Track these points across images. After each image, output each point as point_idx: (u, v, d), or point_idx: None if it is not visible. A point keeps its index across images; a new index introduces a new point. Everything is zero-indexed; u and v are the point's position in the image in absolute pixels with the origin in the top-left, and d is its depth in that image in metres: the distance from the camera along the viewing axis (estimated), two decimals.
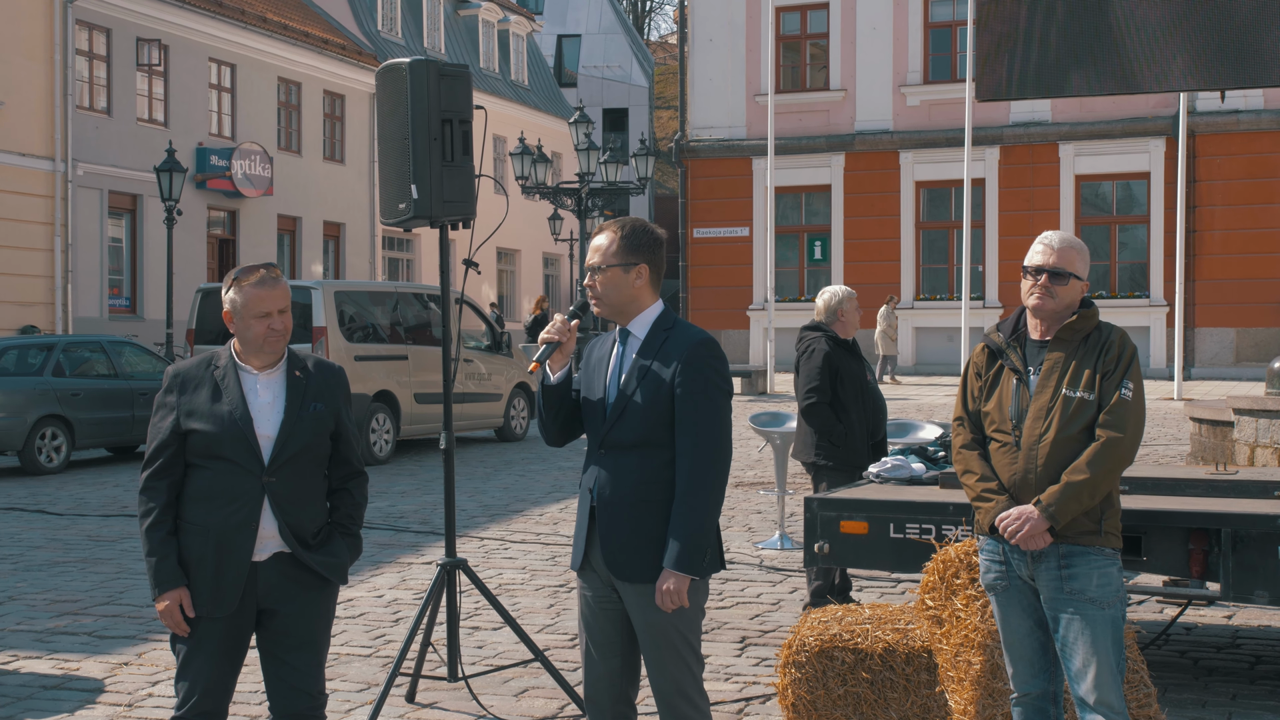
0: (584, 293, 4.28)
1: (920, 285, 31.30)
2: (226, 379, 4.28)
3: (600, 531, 4.16)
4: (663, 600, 4.05)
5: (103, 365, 16.88)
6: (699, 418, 4.08)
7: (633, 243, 4.19)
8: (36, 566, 9.85)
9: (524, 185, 29.44)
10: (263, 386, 4.31)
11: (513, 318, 43.37)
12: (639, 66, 56.12)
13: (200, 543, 4.20)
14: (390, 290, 18.51)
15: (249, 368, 4.32)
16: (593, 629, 4.27)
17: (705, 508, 4.08)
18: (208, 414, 4.22)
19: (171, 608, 4.19)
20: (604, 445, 4.16)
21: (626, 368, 4.18)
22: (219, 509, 4.20)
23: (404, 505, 12.78)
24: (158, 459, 4.24)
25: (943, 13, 31.15)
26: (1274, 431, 11.52)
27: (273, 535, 4.24)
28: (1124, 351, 4.35)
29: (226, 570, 4.20)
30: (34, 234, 26.77)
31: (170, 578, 4.19)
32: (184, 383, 4.29)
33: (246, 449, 4.21)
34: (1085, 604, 4.30)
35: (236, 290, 4.28)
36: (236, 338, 4.34)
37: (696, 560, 4.06)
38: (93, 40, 28.39)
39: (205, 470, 4.22)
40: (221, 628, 4.23)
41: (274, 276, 4.31)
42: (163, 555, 4.20)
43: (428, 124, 6.07)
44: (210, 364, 4.33)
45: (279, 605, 4.27)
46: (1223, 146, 28.83)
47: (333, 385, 4.40)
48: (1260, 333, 28.76)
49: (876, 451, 7.84)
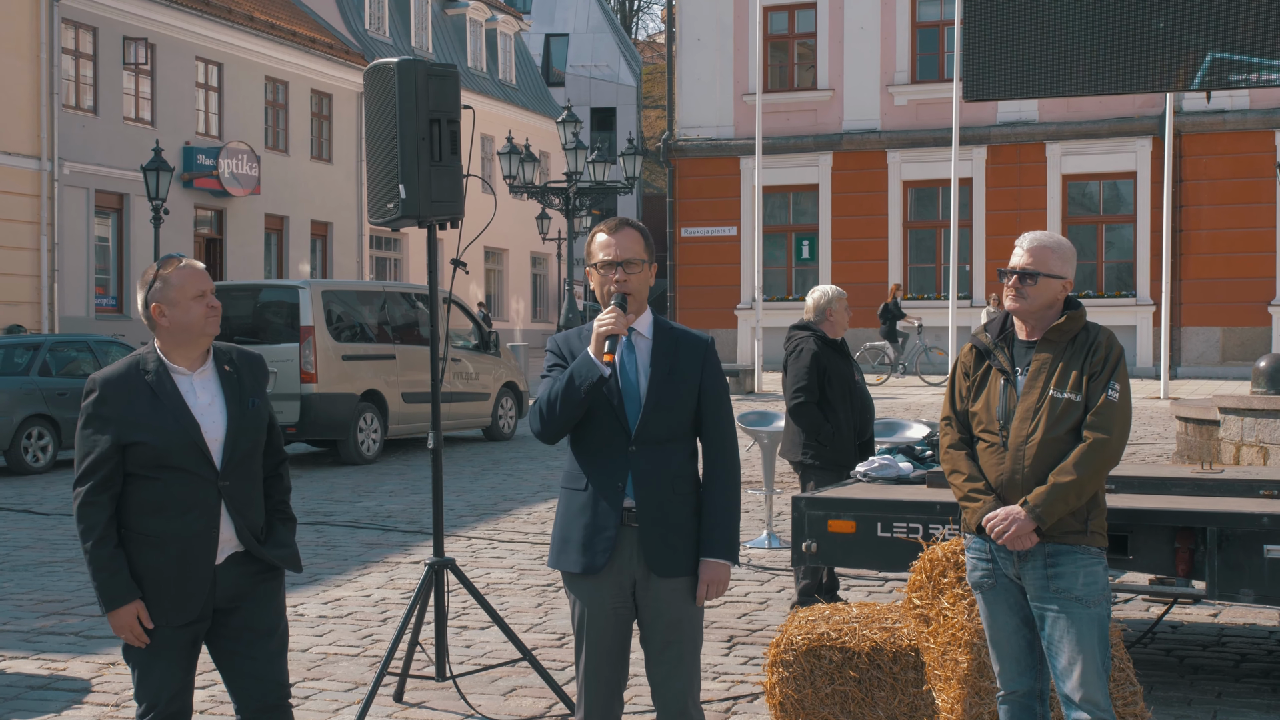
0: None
1: (908, 284, 31.33)
2: (162, 384, 4.12)
3: (642, 527, 4.14)
4: (708, 591, 4.18)
5: (89, 365, 16.83)
6: (725, 415, 4.28)
7: (650, 242, 4.31)
8: (23, 566, 9.83)
9: (511, 184, 29.42)
10: (199, 387, 4.16)
11: (500, 317, 43.36)
12: (627, 66, 56.12)
13: (157, 554, 4.08)
14: (378, 290, 18.49)
15: (180, 368, 4.16)
16: (605, 637, 4.20)
17: (739, 498, 4.29)
18: (150, 424, 4.06)
19: (130, 621, 4.06)
20: (636, 441, 4.15)
21: (648, 366, 4.21)
22: (175, 518, 4.07)
23: (391, 505, 12.77)
24: (97, 473, 4.05)
25: (930, 12, 31.20)
26: (1259, 430, 11.56)
27: (230, 538, 4.16)
28: (1111, 353, 4.38)
29: (190, 579, 4.10)
30: (20, 233, 26.69)
31: (124, 592, 4.05)
32: (115, 390, 4.09)
33: (199, 456, 4.08)
34: (1071, 602, 4.32)
35: (162, 280, 4.12)
36: (169, 330, 4.13)
37: (736, 548, 4.25)
38: (79, 39, 28.31)
39: (153, 481, 4.07)
40: (181, 634, 4.14)
41: (195, 263, 4.22)
42: (113, 570, 4.05)
43: (416, 124, 6.06)
44: (139, 368, 4.14)
45: (237, 603, 4.19)
46: (1209, 146, 28.92)
47: (260, 376, 4.30)
48: (1246, 332, 28.85)
49: (864, 451, 7.86)
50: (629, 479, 4.15)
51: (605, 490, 4.16)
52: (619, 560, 4.16)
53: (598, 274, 4.24)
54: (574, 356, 4.24)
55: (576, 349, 4.25)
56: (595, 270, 4.25)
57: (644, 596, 4.18)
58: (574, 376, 4.13)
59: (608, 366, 4.12)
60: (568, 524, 4.24)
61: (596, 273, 4.24)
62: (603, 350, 4.10)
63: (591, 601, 4.19)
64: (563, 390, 4.14)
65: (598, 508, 4.17)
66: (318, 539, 10.71)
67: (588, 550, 4.17)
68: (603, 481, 4.17)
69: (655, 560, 4.14)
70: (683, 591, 4.17)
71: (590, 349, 4.13)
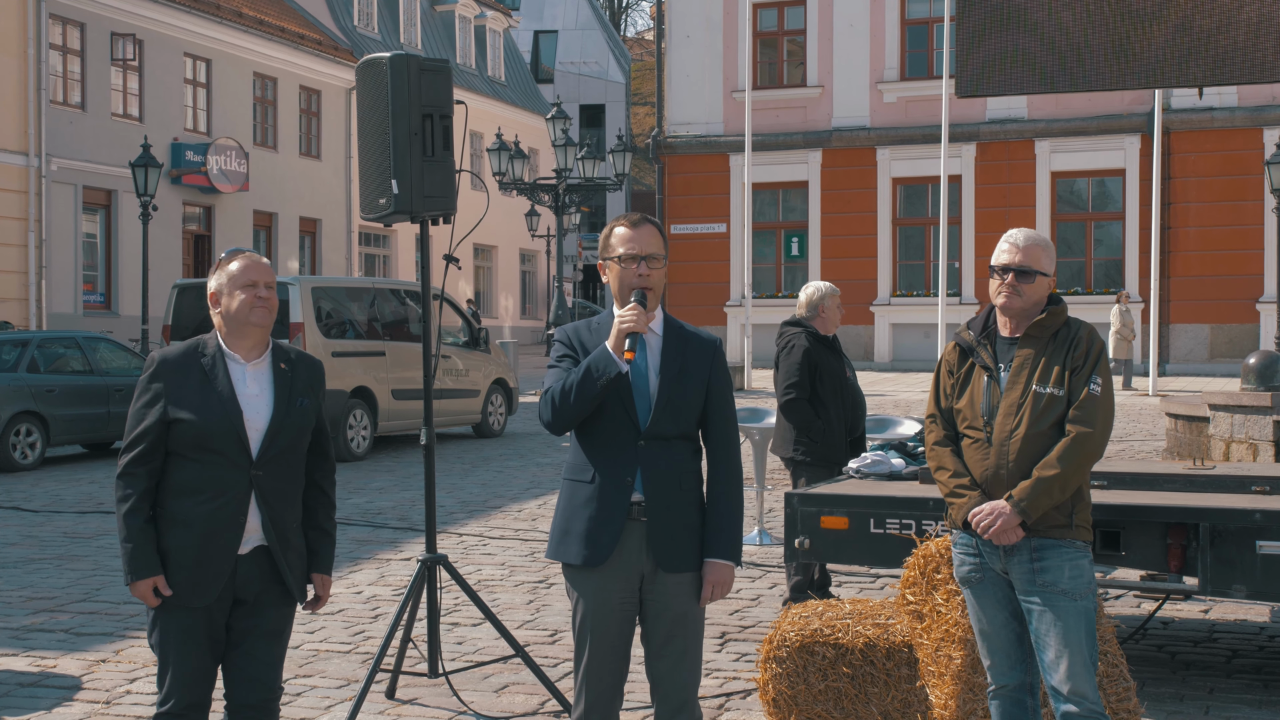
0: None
1: (897, 281, 31.38)
2: (215, 368, 4.22)
3: (650, 521, 4.15)
4: (713, 591, 4.19)
5: (78, 361, 16.78)
6: (730, 416, 4.31)
7: (666, 239, 4.33)
8: (12, 564, 9.80)
9: (501, 181, 29.43)
10: (250, 378, 4.26)
11: (489, 314, 43.33)
12: (616, 63, 56.12)
13: (184, 534, 4.16)
14: (368, 286, 18.46)
15: (236, 356, 4.27)
16: (610, 633, 4.19)
17: (743, 499, 4.31)
18: (196, 404, 4.16)
19: (146, 593, 4.15)
20: (646, 437, 4.15)
21: (659, 363, 4.21)
22: (205, 502, 4.15)
23: (381, 502, 12.76)
24: (139, 444, 4.16)
25: (919, 10, 31.22)
26: (1249, 427, 11.60)
27: (256, 529, 4.21)
28: (1092, 347, 4.41)
29: (210, 562, 4.16)
30: (7, 229, 26.62)
31: (147, 564, 4.14)
32: (171, 369, 4.20)
33: (236, 442, 4.16)
34: (1057, 596, 4.34)
35: (222, 269, 4.28)
36: (222, 319, 4.27)
37: (740, 549, 4.27)
38: (66, 34, 28.23)
39: (191, 462, 4.16)
40: (201, 618, 4.20)
41: (258, 256, 4.35)
42: (140, 541, 4.14)
43: (408, 119, 6.05)
44: (198, 351, 4.26)
45: (253, 596, 4.24)
46: (1197, 143, 28.98)
47: (315, 380, 4.39)
48: (1234, 329, 28.93)
49: (855, 447, 7.86)
50: (638, 473, 4.15)
51: (613, 483, 4.15)
52: (626, 555, 4.16)
53: (617, 266, 4.21)
54: (584, 347, 4.22)
55: (586, 340, 4.24)
56: (615, 263, 4.21)
57: (649, 591, 4.18)
58: (591, 370, 4.11)
59: (626, 364, 4.10)
60: (570, 515, 4.22)
61: (616, 265, 4.21)
62: (623, 347, 4.08)
63: (597, 597, 4.18)
64: (578, 383, 4.11)
65: (604, 500, 4.15)
66: None
67: (590, 542, 4.16)
68: (611, 475, 4.15)
69: (663, 555, 4.15)
70: (687, 587, 4.18)
71: (609, 344, 4.11)
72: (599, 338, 4.22)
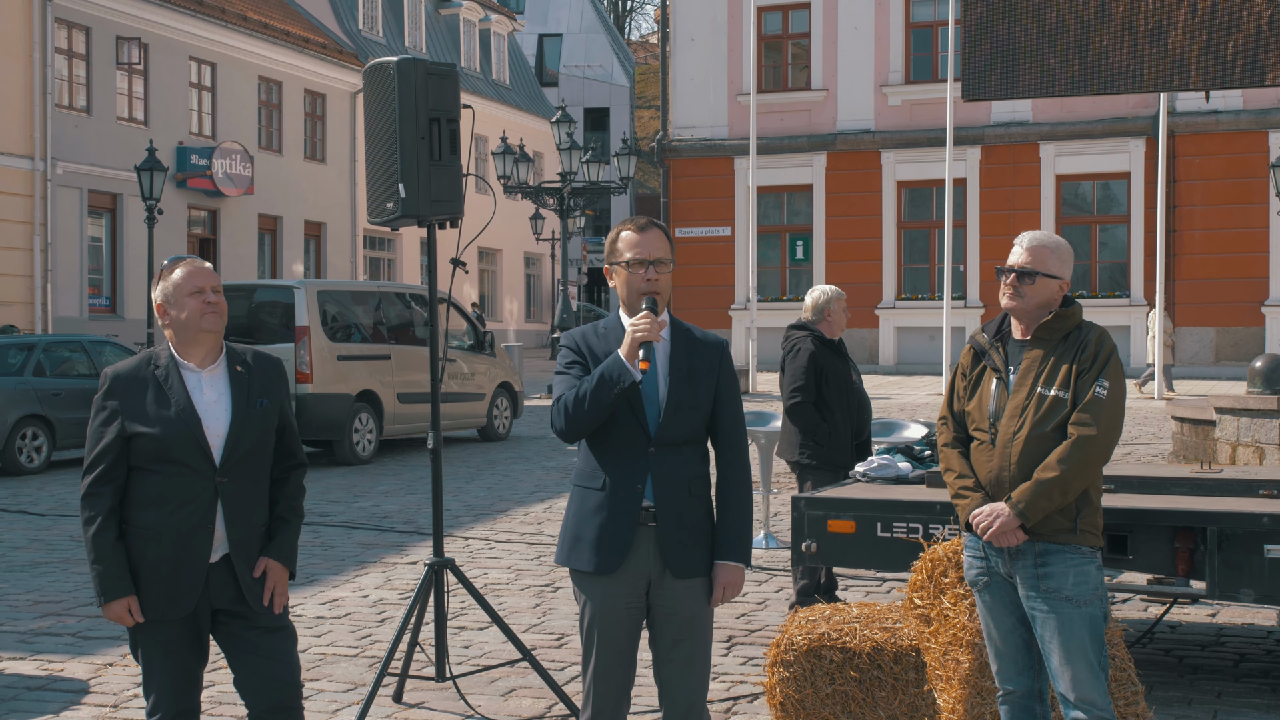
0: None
1: (902, 285, 31.36)
2: (169, 379, 4.17)
3: (661, 527, 4.14)
4: (724, 594, 4.20)
5: (83, 365, 16.79)
6: (738, 418, 4.31)
7: (673, 244, 4.32)
8: (19, 567, 9.80)
9: (506, 184, 29.43)
10: (206, 384, 4.21)
11: (495, 317, 43.34)
12: (620, 66, 56.14)
13: (155, 547, 4.12)
14: (373, 290, 18.47)
15: (190, 365, 4.21)
16: (618, 638, 4.19)
17: (751, 501, 4.31)
18: (153, 417, 4.11)
19: (120, 614, 4.13)
20: (656, 443, 4.14)
21: (666, 368, 4.19)
22: (172, 513, 4.11)
23: (388, 505, 12.76)
24: (100, 464, 4.12)
25: (924, 13, 31.21)
26: (1256, 430, 11.58)
27: (223, 537, 4.18)
28: (1101, 350, 4.37)
29: (183, 573, 4.13)
30: (13, 233, 26.65)
31: (119, 585, 4.11)
32: (124, 384, 4.16)
33: (197, 450, 4.12)
34: (1061, 602, 4.32)
35: (165, 279, 4.21)
36: (172, 329, 4.20)
37: (750, 551, 4.27)
38: (72, 38, 28.27)
39: (153, 474, 4.12)
40: (180, 628, 4.18)
41: (200, 261, 4.27)
42: (111, 561, 4.10)
43: (415, 123, 6.05)
44: (150, 363, 4.21)
45: (236, 604, 4.20)
46: (1202, 146, 28.95)
47: (274, 378, 4.33)
48: (1240, 332, 28.89)
49: (861, 451, 7.85)
50: (648, 480, 4.14)
51: (624, 490, 4.14)
52: (635, 560, 4.15)
53: (625, 271, 4.19)
54: (591, 352, 4.21)
55: (594, 345, 4.22)
56: (622, 268, 4.20)
57: (657, 596, 4.17)
58: (605, 379, 4.08)
59: (640, 372, 4.08)
60: (581, 522, 4.21)
61: (623, 270, 4.20)
62: (637, 356, 4.07)
63: (605, 601, 4.17)
64: (592, 392, 4.08)
65: (615, 507, 4.14)
66: (314, 539, 10.69)
67: (601, 549, 4.15)
68: (621, 481, 4.14)
69: (673, 561, 4.14)
70: (697, 591, 4.18)
71: (623, 353, 4.08)
72: (606, 343, 4.21)
